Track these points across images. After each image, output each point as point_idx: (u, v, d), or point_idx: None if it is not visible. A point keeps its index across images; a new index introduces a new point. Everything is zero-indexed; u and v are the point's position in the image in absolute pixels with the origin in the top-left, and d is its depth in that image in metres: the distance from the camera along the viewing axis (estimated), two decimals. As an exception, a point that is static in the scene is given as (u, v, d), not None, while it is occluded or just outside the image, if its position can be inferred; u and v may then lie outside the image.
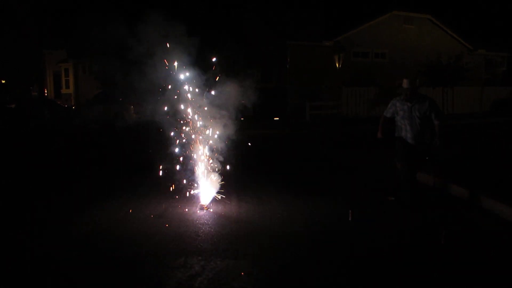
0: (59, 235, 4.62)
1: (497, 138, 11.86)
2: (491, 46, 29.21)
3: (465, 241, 4.43)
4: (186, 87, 5.51)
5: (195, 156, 5.67)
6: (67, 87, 32.04)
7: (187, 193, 5.76)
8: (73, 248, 4.23)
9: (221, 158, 5.71)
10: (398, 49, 24.19)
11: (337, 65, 18.13)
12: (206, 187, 5.61)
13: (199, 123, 5.66)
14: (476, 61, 26.21)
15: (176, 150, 5.65)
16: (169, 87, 5.36)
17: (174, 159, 5.70)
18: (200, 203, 5.53)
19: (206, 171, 5.63)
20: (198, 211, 5.38)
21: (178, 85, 5.42)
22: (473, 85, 24.47)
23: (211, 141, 5.69)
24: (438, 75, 20.14)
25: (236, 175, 7.64)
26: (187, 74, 5.50)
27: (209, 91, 5.55)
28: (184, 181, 5.74)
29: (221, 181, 5.73)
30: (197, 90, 5.54)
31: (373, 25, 23.46)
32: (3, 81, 43.95)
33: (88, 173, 8.09)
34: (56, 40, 31.83)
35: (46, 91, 35.89)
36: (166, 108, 5.50)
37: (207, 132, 5.67)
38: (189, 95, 5.52)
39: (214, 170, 5.67)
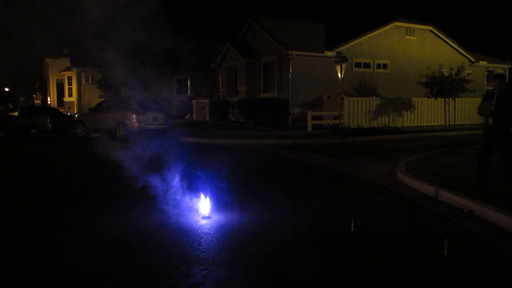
0: (56, 244, 4.61)
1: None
2: (492, 57, 29.32)
3: (467, 253, 4.40)
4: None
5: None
6: (70, 95, 32.21)
7: (189, 202, 5.75)
8: (72, 257, 4.22)
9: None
10: (399, 60, 24.30)
11: (339, 75, 18.19)
12: (208, 196, 5.60)
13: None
14: (477, 73, 26.30)
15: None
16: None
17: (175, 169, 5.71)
18: (202, 212, 5.52)
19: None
20: (200, 220, 5.37)
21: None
22: (475, 97, 24.51)
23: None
24: (440, 86, 20.20)
25: (238, 184, 7.64)
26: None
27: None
28: (186, 191, 5.75)
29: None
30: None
31: (375, 36, 23.60)
32: (7, 89, 44.19)
33: (88, 181, 8.09)
34: (60, 49, 32.09)
35: (49, 99, 36.07)
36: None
37: None
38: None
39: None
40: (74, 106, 31.21)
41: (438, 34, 25.31)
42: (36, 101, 46.16)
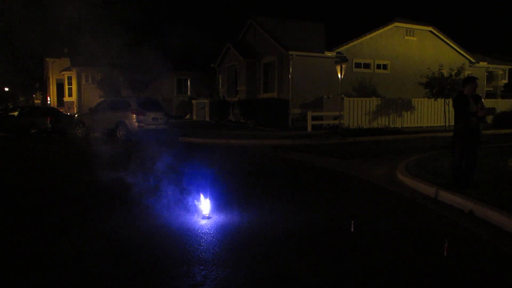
0: (57, 244, 4.61)
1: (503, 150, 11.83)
2: (492, 58, 29.33)
3: (467, 253, 4.40)
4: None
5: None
6: (70, 95, 32.20)
7: (189, 202, 5.75)
8: (72, 257, 4.22)
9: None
10: (399, 61, 24.30)
11: (339, 75, 18.19)
12: (208, 197, 5.60)
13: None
14: (477, 73, 26.26)
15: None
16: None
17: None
18: (202, 213, 5.52)
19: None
20: (200, 221, 5.37)
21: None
22: (475, 97, 24.48)
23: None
24: (440, 86, 20.21)
25: (238, 185, 7.65)
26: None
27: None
28: (186, 191, 5.75)
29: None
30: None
31: (375, 36, 23.60)
32: (6, 89, 44.21)
33: (87, 181, 8.08)
34: (60, 48, 32.09)
35: (49, 99, 36.07)
36: None
37: None
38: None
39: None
40: (74, 106, 31.19)
41: (438, 34, 25.31)
42: (36, 101, 46.14)
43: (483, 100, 6.86)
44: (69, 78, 32.07)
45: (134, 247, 4.46)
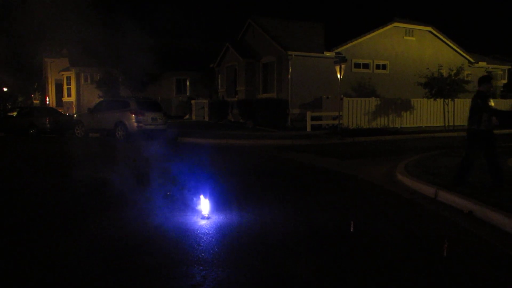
0: (56, 244, 4.59)
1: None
2: (491, 58, 29.36)
3: (467, 253, 4.39)
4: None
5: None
6: (69, 95, 32.17)
7: (189, 202, 5.74)
8: (72, 257, 4.21)
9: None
10: (399, 61, 24.31)
11: (338, 75, 18.19)
12: (208, 197, 5.59)
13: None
14: (477, 74, 26.30)
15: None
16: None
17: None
18: (202, 213, 5.51)
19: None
20: (199, 221, 5.36)
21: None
22: (474, 97, 24.47)
23: None
24: (439, 87, 20.23)
25: (237, 185, 7.65)
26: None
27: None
28: (186, 191, 5.74)
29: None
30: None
31: (374, 36, 23.61)
32: (5, 89, 44.15)
33: (86, 181, 8.07)
34: (59, 48, 32.07)
35: (48, 99, 36.04)
36: None
37: None
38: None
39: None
40: (73, 106, 31.17)
41: (438, 35, 25.33)
42: (34, 101, 46.10)
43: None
44: (68, 78, 32.04)
45: (134, 247, 4.46)
